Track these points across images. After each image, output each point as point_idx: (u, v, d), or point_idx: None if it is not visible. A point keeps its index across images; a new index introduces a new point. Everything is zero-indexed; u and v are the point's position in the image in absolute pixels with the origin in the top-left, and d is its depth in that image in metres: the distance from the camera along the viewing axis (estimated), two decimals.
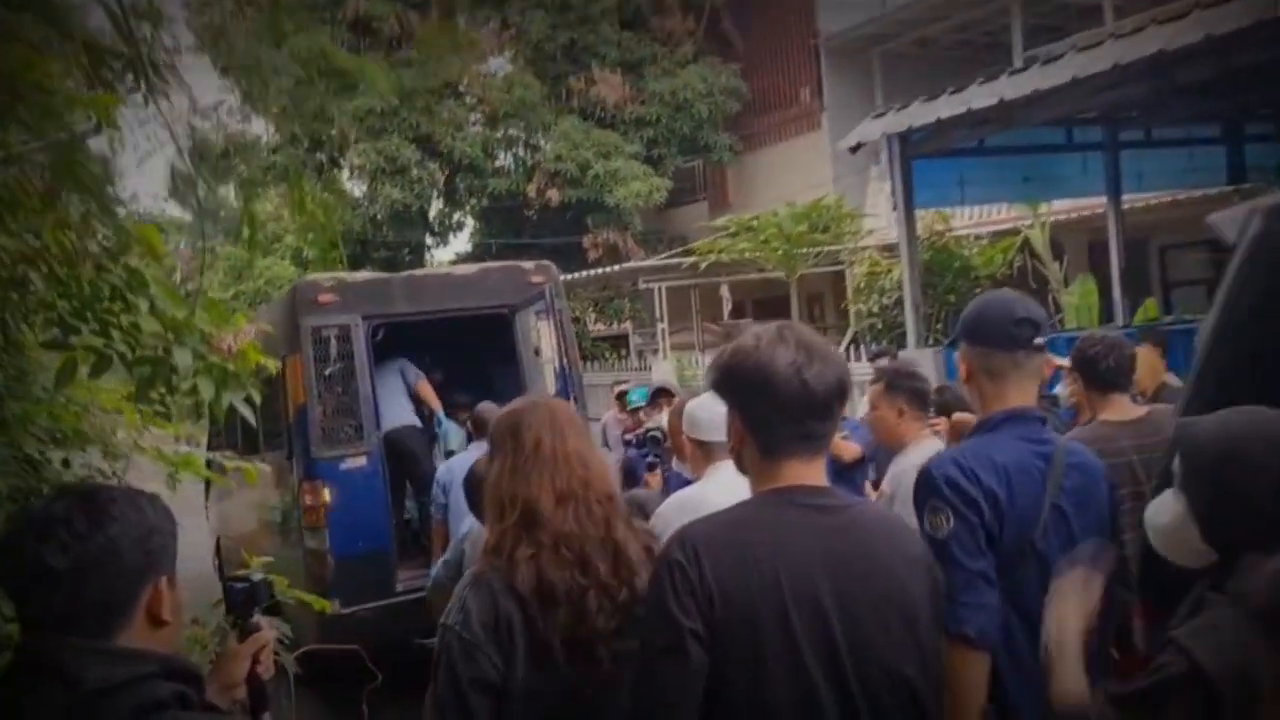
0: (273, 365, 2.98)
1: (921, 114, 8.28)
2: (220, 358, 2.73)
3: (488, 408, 6.60)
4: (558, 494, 2.06)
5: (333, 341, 6.64)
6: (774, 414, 1.79)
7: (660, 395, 7.32)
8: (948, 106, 7.97)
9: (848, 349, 14.87)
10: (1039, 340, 2.39)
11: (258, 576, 1.89)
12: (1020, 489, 2.27)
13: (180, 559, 1.68)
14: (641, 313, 20.75)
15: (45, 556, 1.48)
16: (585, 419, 7.46)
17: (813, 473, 1.83)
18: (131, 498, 1.60)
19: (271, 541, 7.25)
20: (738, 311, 19.99)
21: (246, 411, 2.93)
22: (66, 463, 3.13)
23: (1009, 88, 7.48)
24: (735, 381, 1.83)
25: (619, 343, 21.84)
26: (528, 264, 7.62)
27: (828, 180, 18.27)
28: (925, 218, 10.31)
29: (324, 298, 6.66)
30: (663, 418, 6.35)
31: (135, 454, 3.48)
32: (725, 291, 18.64)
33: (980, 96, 7.68)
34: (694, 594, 1.71)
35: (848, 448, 5.41)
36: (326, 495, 6.46)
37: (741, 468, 1.90)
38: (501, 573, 1.98)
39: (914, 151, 9.01)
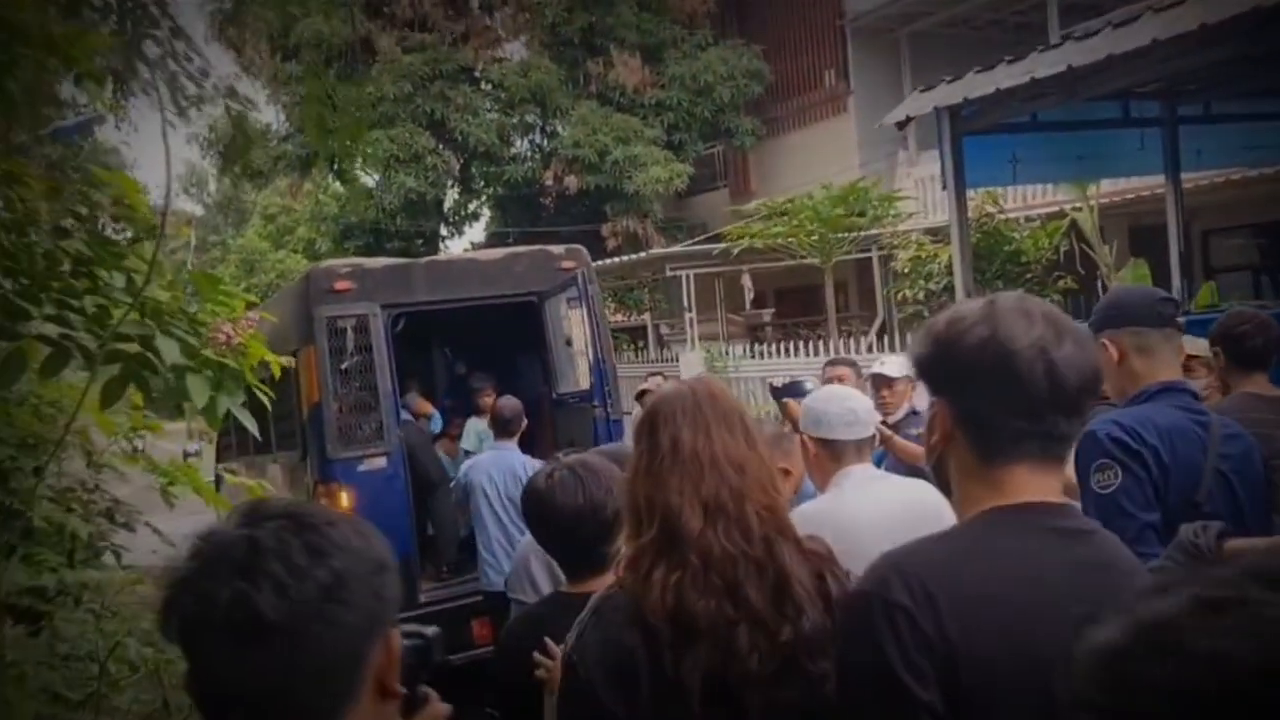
0: (277, 363, 2.47)
1: (977, 85, 7.69)
2: (215, 352, 2.21)
3: (509, 403, 6.11)
4: (705, 505, 1.70)
5: (350, 333, 6.21)
6: (1007, 405, 1.37)
7: None
8: (1007, 76, 7.38)
9: (877, 340, 14.31)
10: (1180, 319, 2.62)
11: (431, 631, 1.41)
12: (1181, 450, 2.34)
13: None
14: (662, 303, 20.21)
15: (256, 602, 1.03)
16: (620, 414, 6.97)
17: (1050, 486, 1.41)
18: (352, 521, 1.17)
19: None
20: (759, 302, 19.42)
21: (247, 420, 2.43)
22: (39, 471, 2.63)
23: (1076, 54, 6.88)
24: (954, 361, 1.40)
25: (636, 334, 21.30)
26: (557, 249, 7.16)
27: (854, 166, 17.66)
28: (974, 199, 9.71)
29: (340, 285, 6.23)
30: None
31: (125, 463, 2.97)
32: (747, 281, 18.07)
33: (1044, 64, 7.09)
34: (930, 652, 1.25)
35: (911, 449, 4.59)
36: (343, 499, 6.04)
37: (941, 475, 1.51)
38: (630, 597, 1.68)
39: (964, 128, 8.42)
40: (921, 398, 5.50)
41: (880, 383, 4.95)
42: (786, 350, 13.54)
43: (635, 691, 1.63)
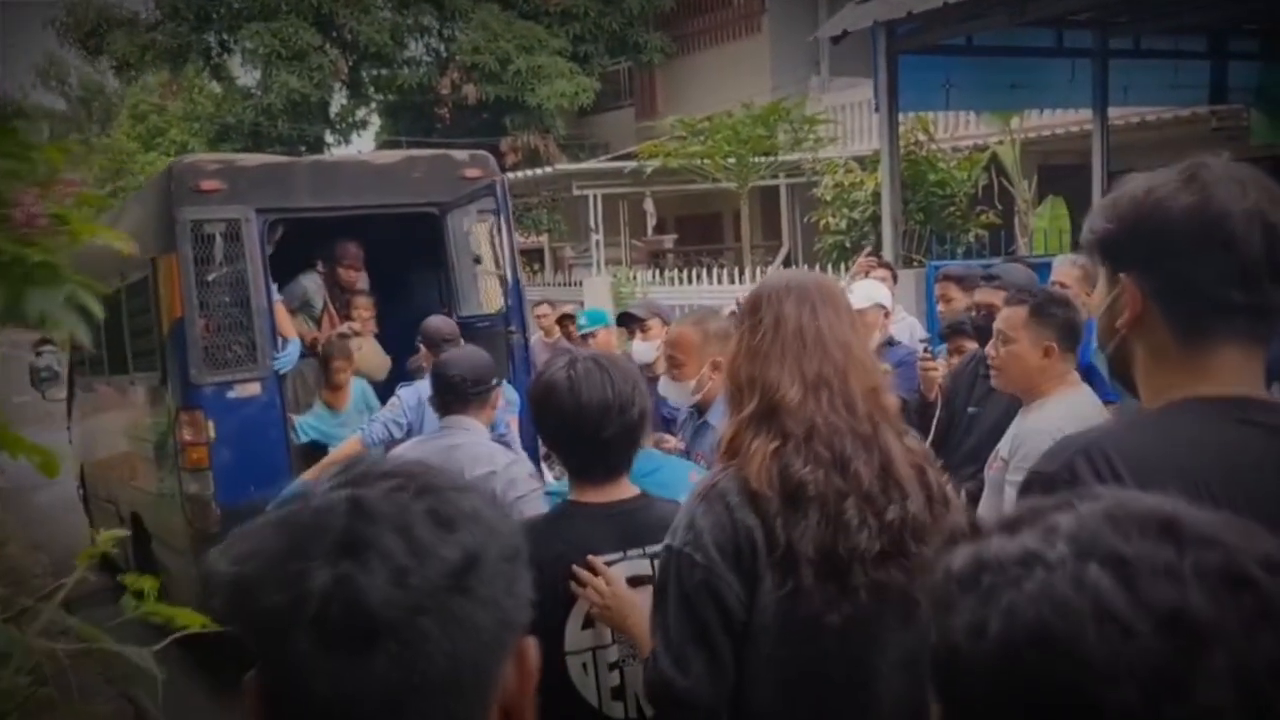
0: (125, 242, 1.79)
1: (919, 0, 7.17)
2: (14, 235, 1.52)
3: (436, 324, 5.33)
4: (807, 381, 1.69)
5: (218, 240, 5.41)
6: (1218, 274, 1.23)
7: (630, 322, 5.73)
8: None
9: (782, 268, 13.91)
10: None
11: None
12: None
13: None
14: (560, 225, 19.42)
15: (365, 593, 0.71)
16: (526, 340, 6.35)
17: (1256, 376, 1.29)
18: (478, 488, 0.83)
19: (145, 477, 6.06)
20: (660, 228, 18.83)
21: (76, 326, 1.75)
22: None
23: None
24: (1154, 230, 1.26)
25: (532, 257, 20.49)
26: (461, 154, 6.42)
27: (766, 89, 17.02)
28: (903, 126, 9.29)
29: (208, 184, 5.40)
30: (641, 346, 5.14)
31: None
32: (649, 205, 17.43)
33: None
34: None
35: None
36: (210, 430, 5.30)
37: (1122, 364, 1.35)
38: (737, 475, 1.68)
39: (899, 47, 7.93)
40: (896, 328, 5.01)
41: None
42: (695, 278, 13.00)
43: (755, 569, 1.62)
